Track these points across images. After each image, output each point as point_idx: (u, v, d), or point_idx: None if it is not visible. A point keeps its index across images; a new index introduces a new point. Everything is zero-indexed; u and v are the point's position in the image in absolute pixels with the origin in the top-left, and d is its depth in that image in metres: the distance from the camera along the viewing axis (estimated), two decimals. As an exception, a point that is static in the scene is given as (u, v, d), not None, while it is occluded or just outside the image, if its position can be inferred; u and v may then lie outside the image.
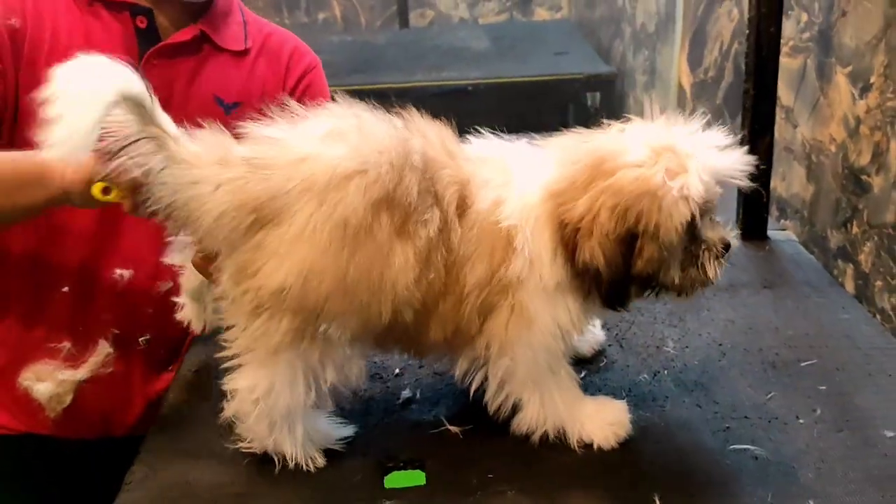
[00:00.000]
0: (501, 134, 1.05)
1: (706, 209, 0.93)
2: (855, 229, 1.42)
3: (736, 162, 0.93)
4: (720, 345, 1.25)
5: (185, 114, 1.28)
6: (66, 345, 1.24)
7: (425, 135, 0.97)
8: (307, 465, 0.99)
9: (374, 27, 4.45)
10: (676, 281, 0.94)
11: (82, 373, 1.22)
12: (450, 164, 0.97)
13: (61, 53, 1.24)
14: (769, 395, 1.12)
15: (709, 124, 0.95)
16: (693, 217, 0.90)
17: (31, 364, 1.21)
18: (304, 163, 0.91)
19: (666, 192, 0.88)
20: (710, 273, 0.95)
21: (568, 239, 0.93)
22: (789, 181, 1.69)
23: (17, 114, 1.20)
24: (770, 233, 1.62)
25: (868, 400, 1.10)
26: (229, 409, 0.99)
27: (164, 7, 1.28)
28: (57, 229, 1.25)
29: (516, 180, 0.98)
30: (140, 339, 1.32)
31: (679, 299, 0.98)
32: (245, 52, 1.35)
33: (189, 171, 0.92)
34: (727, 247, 0.96)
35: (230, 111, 1.30)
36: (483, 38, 3.76)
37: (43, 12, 1.23)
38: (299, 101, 0.99)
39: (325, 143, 0.92)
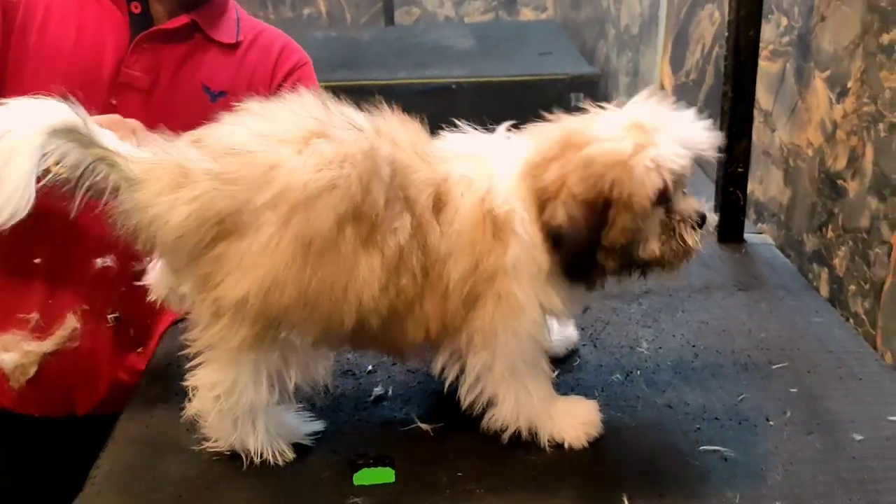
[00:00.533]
0: (480, 130, 1.04)
1: (678, 181, 0.93)
2: (830, 233, 1.43)
3: (704, 133, 0.94)
4: (693, 346, 1.25)
5: (172, 99, 1.29)
6: (35, 316, 1.23)
7: (395, 139, 0.96)
8: (274, 460, 0.98)
9: (359, 24, 4.44)
10: (658, 253, 0.95)
11: (48, 345, 1.21)
12: (422, 166, 0.96)
13: (53, 30, 1.24)
14: (740, 397, 1.12)
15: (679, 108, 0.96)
16: (665, 186, 0.90)
17: None
18: (272, 175, 0.88)
19: (637, 161, 0.89)
20: (690, 242, 0.95)
21: (541, 208, 0.94)
22: (766, 185, 1.70)
23: (2, 86, 1.19)
24: (746, 236, 1.62)
25: (838, 403, 1.10)
26: (191, 407, 0.98)
27: None
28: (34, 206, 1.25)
29: (497, 166, 0.98)
30: (109, 316, 1.31)
31: (665, 274, 0.98)
32: (236, 45, 1.38)
33: (145, 191, 0.89)
34: (703, 218, 0.97)
35: (216, 99, 1.32)
36: (468, 36, 3.75)
37: None
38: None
39: (294, 152, 0.90)
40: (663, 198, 0.92)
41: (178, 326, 1.22)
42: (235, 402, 0.95)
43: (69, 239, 1.26)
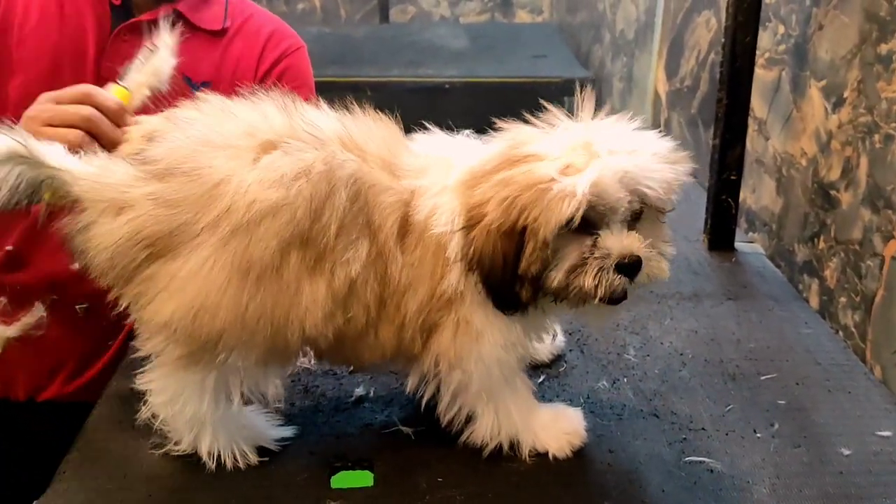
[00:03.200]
0: (464, 132, 0.98)
1: (603, 213, 0.85)
2: (822, 244, 1.41)
3: (651, 169, 0.84)
4: (681, 354, 1.23)
5: None
6: (2, 300, 1.20)
7: (364, 149, 0.89)
8: (234, 463, 0.96)
9: (353, 20, 4.41)
10: (554, 284, 0.86)
11: (12, 330, 1.19)
12: (390, 184, 0.89)
13: (34, 26, 1.22)
14: (728, 408, 1.10)
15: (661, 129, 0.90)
16: (572, 217, 0.82)
17: None
18: (216, 193, 0.83)
19: (550, 186, 0.82)
20: (587, 284, 0.85)
21: (466, 231, 0.87)
22: (759, 194, 1.69)
23: None
24: (737, 245, 1.61)
25: (826, 416, 1.09)
26: (145, 411, 0.95)
27: None
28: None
29: (450, 182, 0.90)
30: (77, 307, 1.29)
31: (561, 308, 0.91)
32: (222, 32, 1.35)
33: (87, 212, 0.86)
34: (628, 261, 0.85)
35: (198, 89, 1.28)
36: (463, 37, 3.74)
37: None
38: (275, 85, 0.94)
39: (244, 164, 0.84)
40: (581, 228, 0.84)
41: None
42: (181, 411, 0.92)
43: (43, 230, 1.24)
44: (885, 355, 1.22)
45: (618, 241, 0.85)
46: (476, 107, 2.98)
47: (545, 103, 0.91)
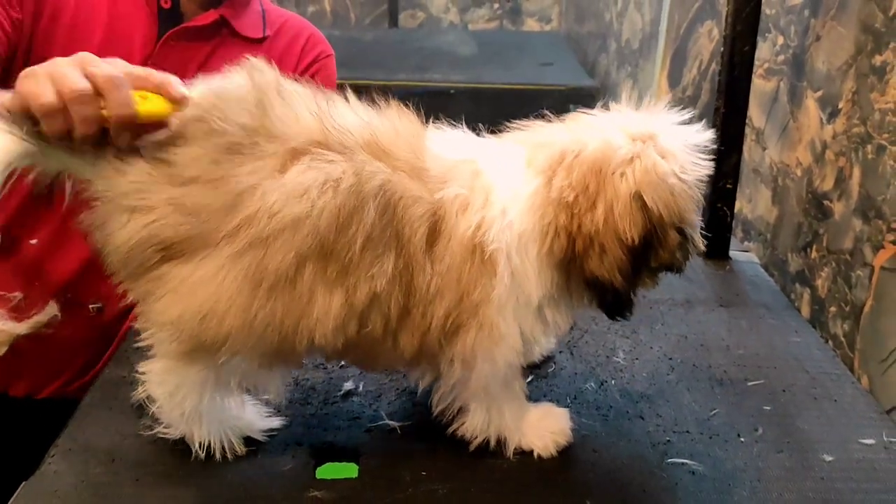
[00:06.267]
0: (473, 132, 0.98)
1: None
2: (814, 254, 1.42)
3: (705, 137, 0.92)
4: (670, 359, 1.24)
5: None
6: (18, 295, 1.21)
7: (392, 156, 0.87)
8: (222, 453, 0.97)
9: (362, 24, 4.44)
10: (678, 260, 0.94)
11: (23, 327, 1.18)
12: (421, 195, 0.87)
13: (82, 23, 1.23)
14: (713, 412, 1.11)
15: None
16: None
17: None
18: (238, 203, 0.82)
19: (676, 181, 0.88)
20: (699, 244, 0.95)
21: (579, 253, 0.89)
22: (755, 203, 1.69)
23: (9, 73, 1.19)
24: (732, 253, 1.61)
25: (810, 423, 1.09)
26: (141, 391, 0.96)
27: None
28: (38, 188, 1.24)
29: (496, 196, 0.90)
30: (91, 307, 1.30)
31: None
32: (262, 40, 1.36)
33: (105, 206, 0.86)
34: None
35: None
36: (471, 43, 3.76)
37: None
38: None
39: (273, 170, 0.83)
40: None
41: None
42: (180, 402, 0.93)
43: (68, 226, 1.25)
44: (873, 365, 1.23)
45: None
46: (481, 112, 3.00)
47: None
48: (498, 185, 0.91)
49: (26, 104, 0.82)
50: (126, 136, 0.85)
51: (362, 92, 0.95)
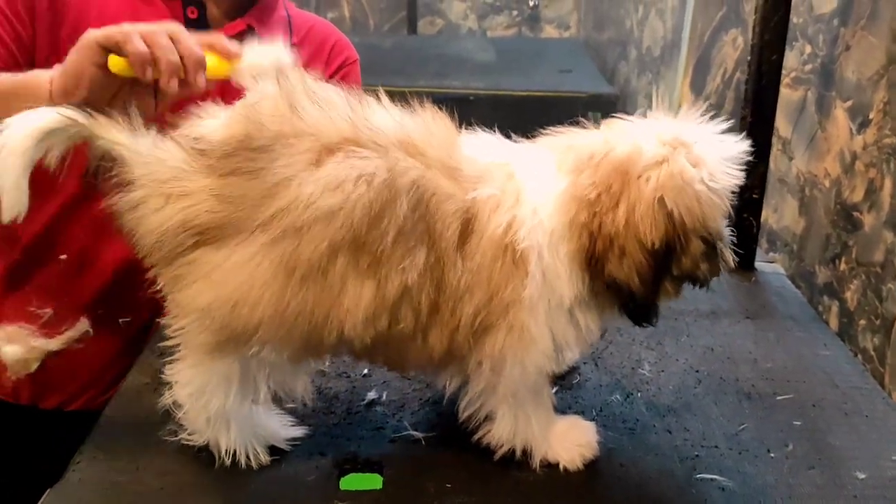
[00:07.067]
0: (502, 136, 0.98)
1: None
2: (843, 266, 1.40)
3: (740, 148, 0.90)
4: (697, 371, 1.23)
5: (224, 105, 1.27)
6: (49, 311, 1.21)
7: (426, 155, 0.88)
8: (247, 462, 0.96)
9: (381, 30, 4.45)
10: (702, 272, 0.92)
11: (54, 344, 1.19)
12: (452, 190, 0.88)
13: None
14: (742, 427, 1.09)
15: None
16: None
17: (7, 324, 1.19)
18: (274, 192, 0.83)
19: (701, 187, 0.86)
20: (729, 259, 0.93)
21: (599, 253, 0.89)
22: (781, 213, 1.68)
23: None
24: (758, 264, 1.60)
25: (842, 439, 1.07)
26: (168, 397, 0.96)
27: None
28: (70, 205, 1.24)
29: (527, 196, 0.90)
30: (120, 321, 1.30)
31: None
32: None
33: (138, 191, 0.86)
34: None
35: None
36: (489, 50, 3.76)
37: None
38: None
39: (308, 163, 0.84)
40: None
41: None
42: (205, 404, 0.93)
43: (99, 240, 1.25)
44: (905, 380, 1.21)
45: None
46: (500, 119, 2.98)
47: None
48: (529, 186, 0.91)
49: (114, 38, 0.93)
50: (187, 89, 0.94)
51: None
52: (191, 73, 0.94)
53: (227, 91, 0.98)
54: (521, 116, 3.02)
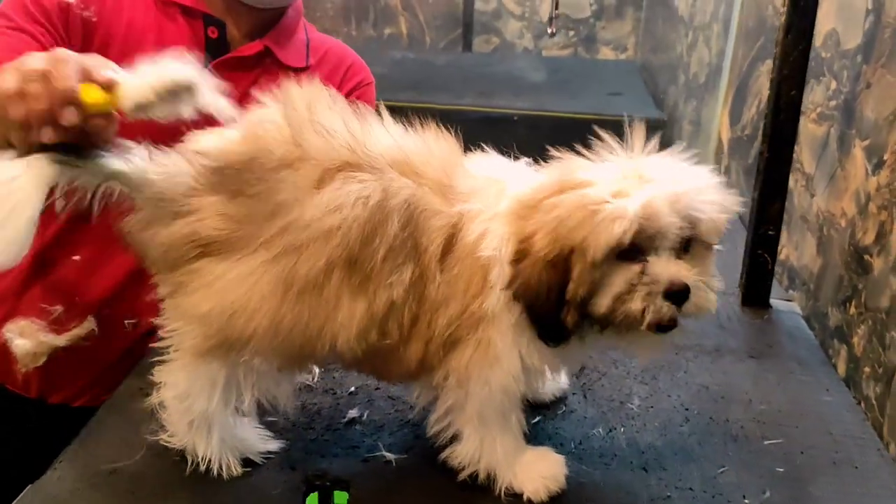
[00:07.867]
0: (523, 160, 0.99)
1: (652, 238, 0.85)
2: (852, 310, 1.36)
3: (703, 196, 0.86)
4: (686, 409, 1.20)
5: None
6: (59, 309, 1.27)
7: (421, 175, 0.92)
8: (219, 471, 0.99)
9: (437, 48, 4.49)
10: (602, 310, 0.86)
11: (62, 340, 1.25)
12: (442, 209, 0.91)
13: (133, 48, 1.29)
14: (721, 470, 1.07)
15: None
16: (622, 238, 0.82)
17: (19, 318, 1.25)
18: (276, 213, 0.88)
19: (601, 208, 0.83)
20: (635, 308, 0.85)
21: (515, 260, 0.89)
22: (801, 251, 1.63)
23: None
24: (773, 301, 1.56)
25: (824, 489, 1.04)
26: (155, 397, 1.00)
27: (237, 19, 1.35)
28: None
29: (502, 208, 0.93)
30: (126, 322, 1.35)
31: (608, 335, 0.90)
32: (304, 69, 1.40)
33: (146, 212, 0.92)
34: (676, 288, 0.85)
35: None
36: (542, 70, 3.75)
37: (122, 6, 1.30)
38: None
39: (310, 185, 0.88)
40: (630, 253, 0.85)
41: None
42: (189, 407, 0.97)
43: (112, 243, 1.30)
44: (904, 432, 1.16)
45: (667, 267, 0.86)
46: (542, 139, 2.97)
47: (602, 136, 0.92)
48: (507, 199, 0.93)
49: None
50: (106, 130, 0.90)
51: (422, 116, 0.96)
52: (58, 115, 0.86)
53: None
54: (564, 137, 2.99)
